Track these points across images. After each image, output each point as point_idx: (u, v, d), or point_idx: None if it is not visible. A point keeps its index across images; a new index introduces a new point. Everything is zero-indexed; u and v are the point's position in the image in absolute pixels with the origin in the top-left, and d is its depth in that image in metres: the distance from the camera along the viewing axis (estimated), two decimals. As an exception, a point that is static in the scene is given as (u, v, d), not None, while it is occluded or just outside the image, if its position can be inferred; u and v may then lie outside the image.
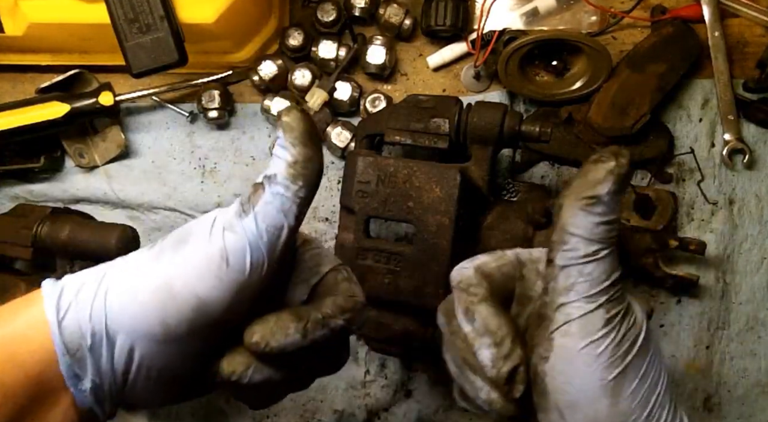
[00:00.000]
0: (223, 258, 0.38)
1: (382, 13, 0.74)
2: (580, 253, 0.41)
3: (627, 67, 0.70)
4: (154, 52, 0.65)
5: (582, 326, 0.41)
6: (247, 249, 0.39)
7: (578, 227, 0.41)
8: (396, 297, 0.60)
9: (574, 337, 0.41)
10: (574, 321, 0.41)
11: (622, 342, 0.41)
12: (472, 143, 0.63)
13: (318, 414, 0.77)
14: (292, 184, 0.40)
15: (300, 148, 0.39)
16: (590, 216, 0.40)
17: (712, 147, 0.74)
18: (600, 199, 0.40)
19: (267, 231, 0.39)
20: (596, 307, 0.41)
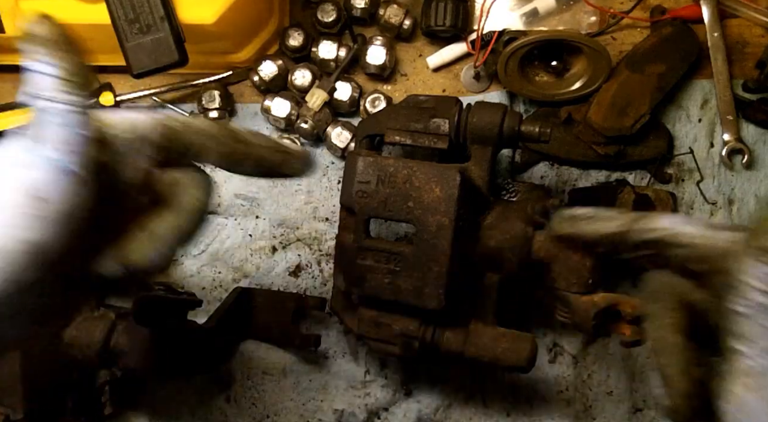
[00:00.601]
0: (34, 197, 0.34)
1: (382, 13, 0.74)
2: (757, 304, 0.38)
3: (626, 68, 0.70)
4: (155, 53, 0.65)
5: (759, 384, 0.38)
6: (56, 177, 0.35)
7: (754, 278, 0.38)
8: (396, 297, 0.60)
9: (752, 393, 0.38)
10: (751, 376, 0.38)
11: None
12: (472, 143, 0.63)
13: (318, 413, 0.77)
14: (74, 96, 0.36)
15: (68, 58, 0.36)
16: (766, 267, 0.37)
17: (711, 147, 0.74)
18: None
19: (69, 153, 0.35)
20: None
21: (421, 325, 0.62)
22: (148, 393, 0.78)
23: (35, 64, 0.36)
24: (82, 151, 0.36)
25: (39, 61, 0.36)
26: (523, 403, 0.75)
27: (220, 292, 0.78)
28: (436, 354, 0.63)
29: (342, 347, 0.77)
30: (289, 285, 0.78)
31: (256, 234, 0.78)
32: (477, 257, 0.62)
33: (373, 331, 0.64)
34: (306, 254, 0.77)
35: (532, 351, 0.60)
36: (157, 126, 0.42)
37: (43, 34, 0.36)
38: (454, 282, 0.58)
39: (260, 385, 0.78)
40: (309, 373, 0.77)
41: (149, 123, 0.41)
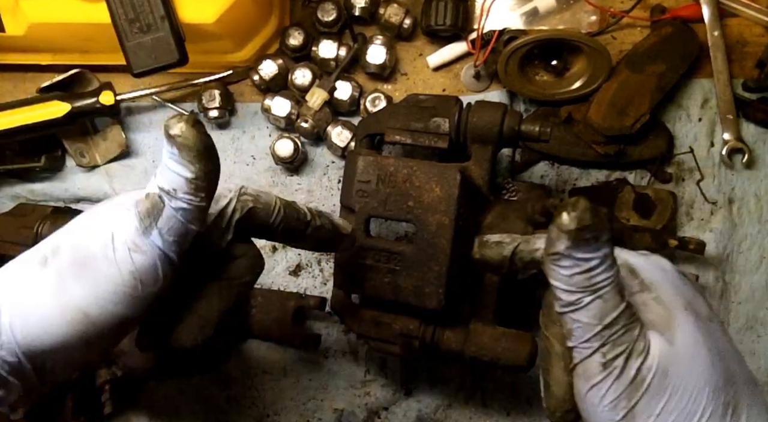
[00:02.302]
0: (136, 279, 0.39)
1: (382, 12, 0.74)
2: (564, 302, 0.42)
3: (626, 67, 0.70)
4: (155, 52, 0.65)
5: (583, 370, 0.43)
6: (158, 265, 0.40)
7: (555, 279, 0.42)
8: (396, 297, 0.60)
9: (580, 380, 0.43)
10: (578, 365, 0.43)
11: (623, 383, 0.41)
12: (472, 143, 0.63)
13: (318, 413, 0.77)
14: (194, 197, 0.40)
15: (200, 165, 0.39)
16: (561, 270, 0.41)
17: (711, 146, 0.74)
18: (561, 255, 0.41)
19: (174, 243, 0.40)
20: (592, 352, 0.42)
21: (421, 325, 0.62)
22: (148, 393, 0.78)
23: (173, 163, 0.39)
24: (184, 244, 0.41)
25: (177, 162, 0.39)
26: (523, 403, 0.75)
27: (220, 292, 0.78)
28: (436, 353, 0.63)
29: (342, 347, 0.77)
30: (289, 284, 0.78)
31: (256, 233, 0.78)
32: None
33: (373, 331, 0.64)
34: (306, 254, 0.77)
35: (532, 351, 0.60)
36: (238, 204, 0.45)
37: (187, 141, 0.39)
38: (454, 281, 0.58)
39: (260, 385, 0.78)
40: (309, 373, 0.77)
41: (231, 199, 0.45)
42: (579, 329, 0.42)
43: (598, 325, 0.41)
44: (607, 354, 0.41)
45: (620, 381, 0.41)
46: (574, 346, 0.43)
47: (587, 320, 0.42)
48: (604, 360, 0.42)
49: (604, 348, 0.42)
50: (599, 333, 0.41)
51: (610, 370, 0.41)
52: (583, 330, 0.42)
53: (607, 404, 0.42)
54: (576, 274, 0.41)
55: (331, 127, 0.74)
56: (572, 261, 0.41)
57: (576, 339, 0.43)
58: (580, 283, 0.41)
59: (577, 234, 0.40)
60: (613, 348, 0.41)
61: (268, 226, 0.47)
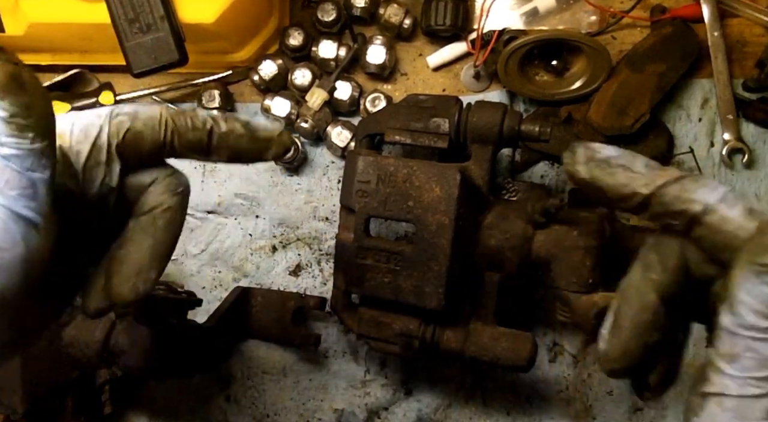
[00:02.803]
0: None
1: (382, 12, 0.74)
2: (749, 324, 0.34)
3: (626, 67, 0.70)
4: (155, 52, 0.65)
5: (738, 408, 0.35)
6: (8, 225, 0.33)
7: (749, 294, 0.34)
8: (396, 297, 0.60)
9: (727, 415, 0.35)
10: (730, 398, 0.35)
11: None
12: (472, 143, 0.63)
13: (318, 413, 0.77)
14: (22, 139, 0.33)
15: (10, 98, 0.32)
16: (766, 287, 0.33)
17: (711, 146, 0.74)
18: None
19: (21, 198, 0.33)
20: (761, 394, 0.34)
21: (421, 325, 0.62)
22: (148, 393, 0.78)
23: None
24: (36, 194, 0.34)
25: None
26: (523, 403, 0.75)
27: (220, 292, 0.78)
28: (436, 353, 0.63)
29: (342, 347, 0.77)
30: (289, 284, 0.78)
31: (256, 233, 0.78)
32: (477, 257, 0.62)
33: (373, 331, 0.64)
34: (306, 254, 0.77)
35: (532, 351, 0.60)
36: (113, 128, 0.39)
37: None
38: (454, 281, 0.58)
39: (260, 385, 0.78)
40: (309, 373, 0.77)
41: (104, 127, 0.39)
42: (754, 361, 0.34)
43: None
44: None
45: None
46: (733, 375, 0.35)
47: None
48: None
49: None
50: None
51: None
52: (758, 365, 0.34)
53: None
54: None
55: (330, 127, 0.74)
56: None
57: (743, 369, 0.35)
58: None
59: None
60: None
61: (160, 145, 0.40)
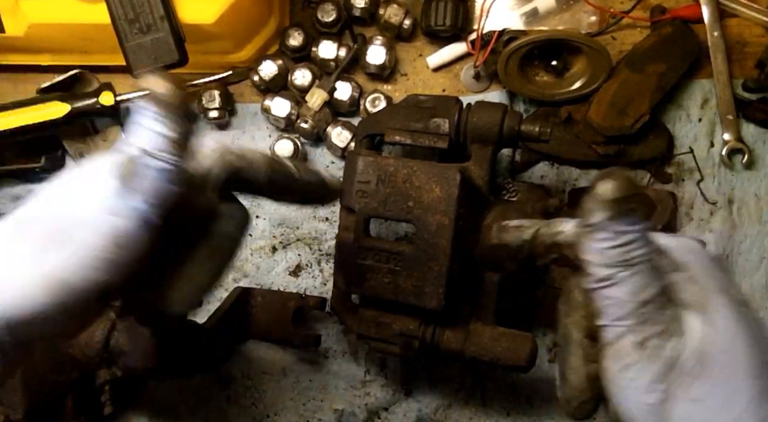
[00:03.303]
0: (116, 244, 0.37)
1: (382, 13, 0.74)
2: (597, 277, 0.40)
3: (626, 67, 0.70)
4: (155, 52, 0.65)
5: (615, 350, 0.41)
6: (139, 229, 0.38)
7: (589, 253, 0.40)
8: (396, 297, 0.60)
9: (611, 361, 0.41)
10: (609, 345, 0.41)
11: (659, 364, 0.39)
12: (472, 143, 0.63)
13: (318, 413, 0.77)
14: (175, 157, 0.38)
15: (181, 123, 0.38)
16: (596, 243, 0.40)
17: (711, 147, 0.74)
18: (598, 227, 0.39)
19: (155, 206, 0.38)
20: (625, 331, 0.40)
21: (421, 325, 0.62)
22: (148, 393, 0.78)
23: (150, 121, 0.38)
24: (165, 205, 0.38)
25: (155, 119, 0.38)
26: (523, 403, 0.75)
27: (220, 292, 0.78)
28: (436, 353, 0.63)
29: (342, 347, 0.77)
30: (289, 285, 0.78)
31: (256, 234, 0.78)
32: (477, 257, 0.62)
33: (373, 331, 0.64)
34: (306, 254, 0.77)
35: (532, 351, 0.60)
36: (221, 159, 0.44)
37: (165, 97, 0.38)
38: (454, 281, 0.58)
39: (260, 385, 0.78)
40: (309, 373, 0.77)
41: (213, 155, 0.43)
42: (612, 306, 0.40)
43: (633, 302, 0.40)
44: (642, 332, 0.40)
45: (656, 362, 0.39)
46: (605, 325, 0.41)
47: (622, 296, 0.40)
48: (638, 339, 0.40)
49: (640, 326, 0.40)
50: (635, 310, 0.40)
51: (645, 350, 0.39)
52: (617, 308, 0.40)
53: (641, 386, 0.40)
54: (613, 248, 0.39)
55: (330, 128, 0.74)
56: (610, 233, 0.39)
57: (608, 316, 0.41)
58: (617, 257, 0.39)
59: (616, 204, 0.39)
60: (649, 327, 0.40)
61: (253, 184, 0.46)
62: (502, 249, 0.52)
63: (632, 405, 0.41)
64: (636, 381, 0.40)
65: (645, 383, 0.40)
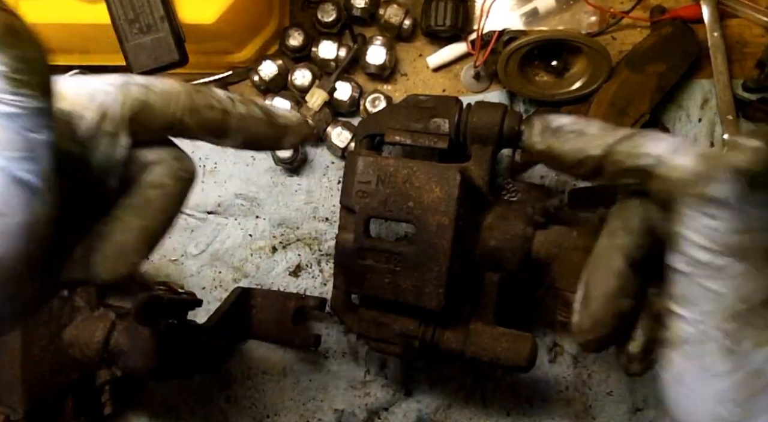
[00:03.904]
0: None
1: (382, 13, 0.74)
2: (701, 262, 0.33)
3: (626, 67, 0.70)
4: (155, 53, 0.65)
5: (697, 352, 0.34)
6: (9, 189, 0.30)
7: (695, 231, 0.32)
8: (396, 297, 0.60)
9: (690, 362, 0.35)
10: (689, 343, 0.34)
11: (747, 379, 0.33)
12: (472, 143, 0.63)
13: (318, 413, 0.77)
14: (20, 97, 0.30)
15: (10, 52, 0.29)
16: (712, 220, 0.32)
17: (711, 147, 0.74)
18: (722, 202, 0.31)
19: (21, 160, 0.30)
20: (720, 334, 0.33)
21: (421, 325, 0.62)
22: (148, 393, 0.78)
23: None
24: (37, 157, 0.31)
25: None
26: (523, 403, 0.75)
27: (220, 292, 0.78)
28: (436, 353, 0.63)
29: (342, 347, 0.77)
30: (289, 285, 0.78)
31: (256, 234, 0.78)
32: (477, 257, 0.62)
33: (373, 331, 0.64)
34: (306, 254, 0.77)
35: (532, 351, 0.60)
36: (125, 99, 0.36)
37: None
38: (454, 282, 0.58)
39: (260, 385, 0.78)
40: (309, 373, 0.77)
41: (115, 95, 0.36)
42: (711, 302, 0.33)
43: (742, 304, 0.32)
44: (738, 340, 0.33)
45: (745, 372, 0.33)
46: (691, 319, 0.34)
47: (726, 291, 0.32)
48: (732, 345, 0.33)
49: (739, 332, 0.33)
50: (738, 312, 0.32)
51: (735, 359, 0.33)
52: (712, 303, 0.33)
53: (717, 396, 0.34)
54: (735, 232, 0.31)
55: (330, 128, 0.74)
56: (735, 213, 0.31)
57: (701, 313, 0.33)
58: (735, 244, 0.32)
59: (755, 178, 0.30)
60: (746, 335, 0.33)
61: (173, 122, 0.37)
62: (551, 161, 0.40)
63: (702, 414, 0.35)
64: (718, 393, 0.34)
65: (727, 395, 0.34)
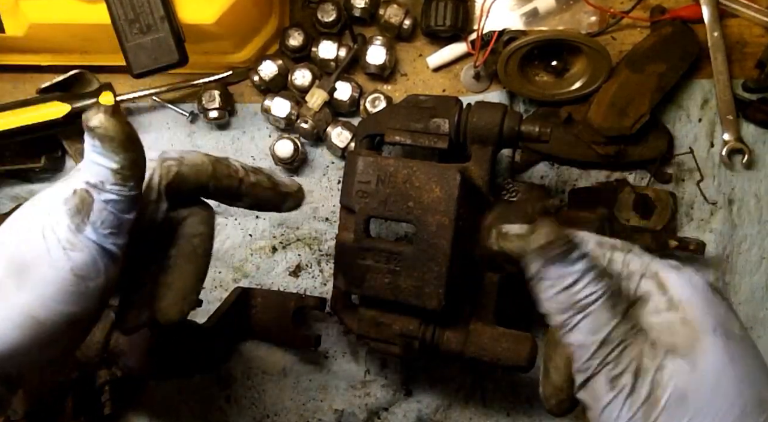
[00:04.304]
0: (77, 276, 0.39)
1: (382, 13, 0.74)
2: (557, 324, 0.42)
3: (626, 67, 0.70)
4: (155, 53, 0.65)
5: (591, 391, 0.41)
6: (97, 259, 0.39)
7: (543, 303, 0.42)
8: (396, 297, 0.60)
9: (591, 402, 0.42)
10: (586, 386, 0.42)
11: (636, 401, 0.40)
12: (472, 143, 0.63)
13: (318, 413, 0.77)
14: (123, 188, 0.39)
15: (124, 155, 0.38)
16: (544, 292, 0.42)
17: (711, 147, 0.74)
18: (537, 277, 0.41)
19: (111, 236, 0.39)
20: (594, 373, 0.41)
21: (421, 325, 0.62)
22: (148, 393, 0.78)
23: (96, 156, 0.38)
24: (123, 233, 0.40)
25: (100, 154, 0.38)
26: (523, 403, 0.75)
27: (220, 292, 0.78)
28: (436, 353, 0.63)
29: (342, 347, 0.77)
30: (289, 285, 0.78)
31: (256, 234, 0.78)
32: (477, 257, 0.62)
33: (373, 331, 0.64)
34: (306, 254, 0.77)
35: (532, 351, 0.60)
36: (162, 171, 0.44)
37: (108, 132, 0.38)
38: (454, 282, 0.58)
39: (260, 385, 0.78)
40: (309, 373, 0.77)
41: (153, 169, 0.44)
42: (578, 350, 0.41)
43: (593, 344, 0.40)
44: (611, 371, 0.40)
45: (632, 399, 0.40)
46: (578, 368, 0.42)
47: (582, 340, 0.41)
48: (608, 377, 0.40)
49: (607, 366, 0.40)
50: (596, 352, 0.40)
51: (619, 389, 0.40)
52: (581, 351, 0.41)
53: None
54: (557, 293, 0.41)
55: (330, 128, 0.74)
56: (549, 281, 0.41)
57: (578, 359, 0.42)
58: (565, 302, 0.41)
59: (542, 251, 0.40)
60: (615, 366, 0.40)
61: (199, 187, 0.46)
62: (502, 257, 0.51)
63: None
64: (620, 419, 0.40)
65: (629, 419, 0.40)
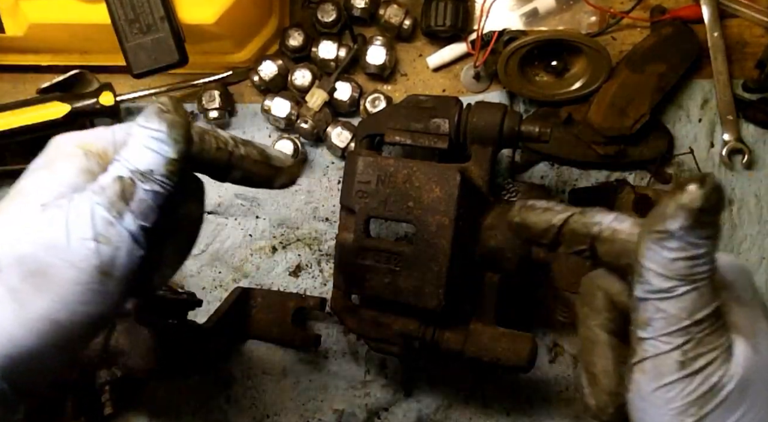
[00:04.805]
0: (104, 273, 0.36)
1: (382, 13, 0.74)
2: (654, 288, 0.37)
3: (626, 68, 0.70)
4: (155, 53, 0.65)
5: (654, 366, 0.38)
6: (126, 252, 0.37)
7: (651, 261, 0.37)
8: (396, 297, 0.60)
9: (648, 376, 0.39)
10: (648, 360, 0.39)
11: (698, 389, 0.37)
12: (472, 143, 0.63)
13: (318, 413, 0.77)
14: (170, 180, 0.37)
15: (184, 146, 0.37)
16: (663, 251, 0.37)
17: (711, 147, 0.74)
18: (672, 234, 0.36)
19: (143, 229, 0.37)
20: (671, 349, 0.38)
21: (421, 325, 0.62)
22: (148, 393, 0.78)
23: (155, 142, 0.37)
24: (152, 221, 0.38)
25: (160, 140, 0.37)
26: (523, 403, 0.75)
27: (220, 292, 0.78)
28: (436, 353, 0.63)
29: (342, 347, 0.77)
30: (289, 285, 0.78)
31: (256, 234, 0.78)
32: (477, 257, 0.62)
33: (373, 331, 0.64)
34: (306, 254, 0.77)
35: (532, 351, 0.60)
36: None
37: (177, 118, 0.37)
38: (454, 282, 0.58)
39: (260, 385, 0.78)
40: (309, 373, 0.77)
41: None
42: (662, 320, 0.37)
43: (686, 320, 0.37)
44: (689, 352, 0.37)
45: (696, 385, 0.37)
46: (648, 338, 0.38)
47: (676, 312, 0.37)
48: (683, 358, 0.37)
49: (687, 345, 0.37)
50: (686, 328, 0.37)
51: (688, 371, 0.37)
52: (666, 322, 0.37)
53: (675, 408, 0.38)
54: (680, 259, 0.36)
55: (330, 128, 0.74)
56: (682, 243, 0.36)
57: (655, 330, 0.38)
58: (681, 270, 0.37)
59: (699, 214, 0.35)
60: (696, 348, 0.37)
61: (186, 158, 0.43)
62: (523, 230, 0.46)
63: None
64: (671, 402, 0.38)
65: (682, 405, 0.38)
